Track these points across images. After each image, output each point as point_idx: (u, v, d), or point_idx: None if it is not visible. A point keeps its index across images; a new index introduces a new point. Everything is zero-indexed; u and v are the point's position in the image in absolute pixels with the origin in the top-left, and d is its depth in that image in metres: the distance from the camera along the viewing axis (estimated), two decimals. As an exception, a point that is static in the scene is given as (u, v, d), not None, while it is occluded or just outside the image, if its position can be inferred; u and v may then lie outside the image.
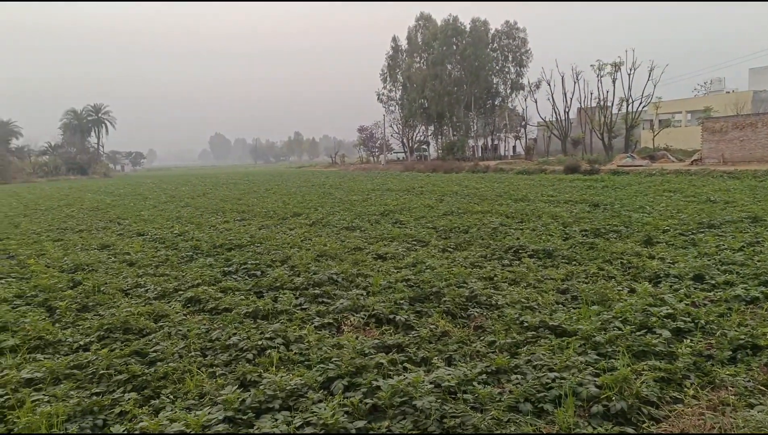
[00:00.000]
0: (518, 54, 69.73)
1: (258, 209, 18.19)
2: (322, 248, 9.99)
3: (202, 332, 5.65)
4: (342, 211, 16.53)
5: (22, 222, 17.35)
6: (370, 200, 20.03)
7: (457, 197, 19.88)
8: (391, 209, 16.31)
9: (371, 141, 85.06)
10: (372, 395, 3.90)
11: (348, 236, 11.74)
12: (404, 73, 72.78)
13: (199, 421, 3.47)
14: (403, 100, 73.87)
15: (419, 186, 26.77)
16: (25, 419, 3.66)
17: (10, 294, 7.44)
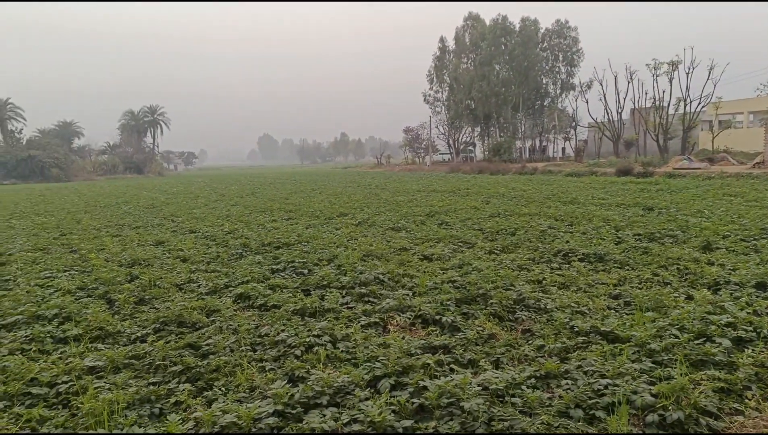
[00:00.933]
0: (569, 53, 68.13)
1: (305, 209, 18.47)
2: (368, 248, 10.05)
3: (251, 328, 5.79)
4: (387, 212, 16.58)
5: (84, 218, 18.19)
6: (416, 201, 20.01)
7: (503, 199, 19.63)
8: (436, 210, 16.26)
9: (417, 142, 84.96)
10: (419, 395, 3.90)
11: (394, 237, 11.77)
12: (451, 74, 72.33)
13: (251, 414, 3.55)
14: (450, 101, 73.42)
15: (465, 187, 26.57)
16: (89, 405, 3.84)
17: (74, 286, 7.82)
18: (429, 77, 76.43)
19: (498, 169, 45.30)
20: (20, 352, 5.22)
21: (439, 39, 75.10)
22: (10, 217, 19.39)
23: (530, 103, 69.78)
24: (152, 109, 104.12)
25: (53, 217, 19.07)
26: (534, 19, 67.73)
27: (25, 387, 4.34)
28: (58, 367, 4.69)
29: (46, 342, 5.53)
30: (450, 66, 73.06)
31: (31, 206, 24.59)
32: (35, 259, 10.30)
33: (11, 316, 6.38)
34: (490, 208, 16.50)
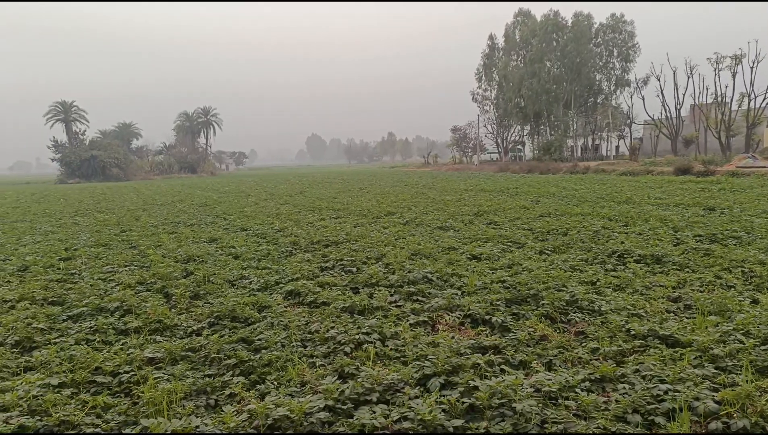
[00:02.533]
0: (624, 48, 65.94)
1: (353, 208, 18.61)
2: (416, 247, 10.03)
3: (302, 324, 5.88)
4: (435, 211, 16.51)
5: (142, 216, 18.94)
6: (464, 200, 19.84)
7: (554, 199, 19.20)
8: (485, 210, 16.07)
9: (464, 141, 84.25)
10: (469, 395, 3.86)
11: (442, 236, 11.71)
12: (500, 72, 71.30)
13: (302, 408, 3.61)
14: (499, 100, 72.44)
15: (514, 187, 26.15)
16: (149, 394, 3.99)
17: (134, 280, 8.14)
18: (477, 75, 75.66)
19: (548, 168, 44.36)
20: (85, 342, 5.48)
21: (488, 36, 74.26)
22: (75, 214, 20.40)
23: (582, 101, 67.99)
24: (206, 110, 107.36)
25: (114, 214, 19.94)
26: (587, 14, 65.94)
27: (90, 375, 4.55)
28: (120, 357, 4.90)
29: (109, 333, 5.78)
30: (499, 64, 72.04)
31: (93, 204, 25.80)
32: (98, 254, 10.80)
33: (77, 307, 6.71)
34: (540, 207, 16.18)
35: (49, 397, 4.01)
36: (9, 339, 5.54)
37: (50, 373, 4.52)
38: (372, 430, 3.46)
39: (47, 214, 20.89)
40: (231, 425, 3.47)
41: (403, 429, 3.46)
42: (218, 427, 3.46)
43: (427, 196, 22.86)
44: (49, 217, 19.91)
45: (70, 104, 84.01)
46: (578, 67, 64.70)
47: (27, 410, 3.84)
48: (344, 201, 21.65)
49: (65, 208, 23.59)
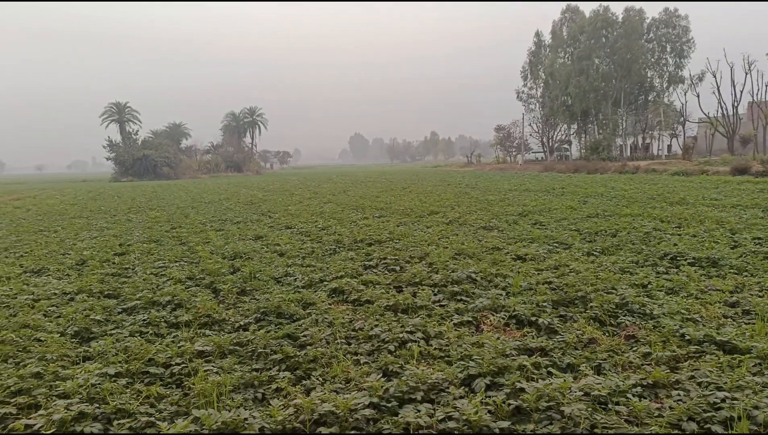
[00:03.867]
0: (678, 44, 63.54)
1: (396, 207, 18.63)
2: (459, 247, 9.96)
3: (346, 321, 5.92)
4: (479, 211, 16.35)
5: (191, 213, 19.50)
6: (508, 200, 19.57)
7: (602, 199, 18.70)
8: (530, 210, 15.80)
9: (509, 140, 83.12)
10: (515, 397, 3.80)
11: (485, 236, 11.59)
12: (546, 70, 69.94)
13: (348, 404, 3.63)
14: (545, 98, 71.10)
15: (560, 187, 25.61)
16: (200, 386, 4.10)
17: (184, 275, 8.40)
18: (523, 73, 74.48)
19: (596, 167, 43.24)
20: (139, 334, 5.69)
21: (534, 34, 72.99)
22: (128, 211, 21.20)
23: (632, 98, 65.96)
24: (252, 110, 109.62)
25: (164, 211, 20.61)
26: (639, 9, 63.84)
27: (144, 366, 4.71)
28: (171, 349, 5.05)
29: (161, 326, 5.98)
30: (545, 61, 70.69)
31: (145, 202, 26.74)
32: (150, 250, 11.18)
33: (131, 301, 6.97)
34: (588, 208, 15.79)
35: (106, 385, 4.18)
36: (69, 329, 5.80)
37: (107, 363, 4.71)
38: (417, 428, 3.45)
39: (102, 211, 21.77)
40: (278, 419, 3.53)
41: (448, 429, 3.44)
42: (266, 420, 3.52)
43: (470, 195, 22.66)
44: (104, 213, 20.75)
45: (124, 105, 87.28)
46: (629, 63, 62.74)
47: (86, 398, 4.02)
48: (387, 200, 21.70)
49: (119, 206, 24.53)
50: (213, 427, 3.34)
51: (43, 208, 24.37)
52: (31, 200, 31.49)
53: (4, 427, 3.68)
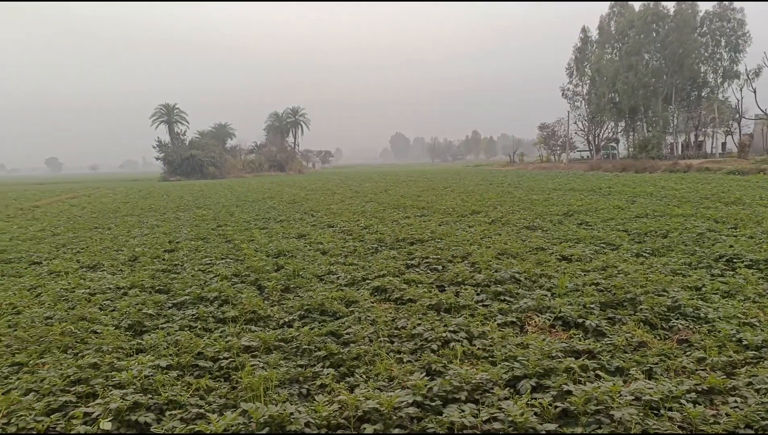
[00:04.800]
0: (733, 38, 60.82)
1: (437, 206, 18.55)
2: (502, 247, 9.84)
3: (388, 320, 5.94)
4: (522, 210, 16.10)
5: (236, 211, 19.94)
6: (552, 200, 19.20)
7: (652, 199, 18.12)
8: (575, 210, 15.46)
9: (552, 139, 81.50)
10: (562, 399, 3.73)
11: (529, 236, 11.40)
12: (593, 66, 68.20)
13: (392, 402, 3.64)
14: (591, 95, 69.37)
15: (606, 186, 24.94)
16: (247, 380, 4.20)
17: (230, 272, 8.59)
18: (568, 70, 72.88)
19: (644, 166, 41.90)
20: (188, 329, 5.86)
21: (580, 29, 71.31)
22: (176, 210, 21.85)
23: (684, 95, 63.55)
24: (294, 110, 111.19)
25: (210, 210, 21.14)
26: (691, 2, 61.43)
27: (194, 359, 4.85)
28: (219, 344, 5.19)
29: (209, 321, 6.14)
30: (592, 57, 68.96)
31: (192, 200, 27.49)
32: (197, 247, 11.49)
33: (180, 296, 7.18)
34: (637, 208, 15.32)
35: (159, 377, 4.33)
36: (123, 322, 6.03)
37: (159, 356, 4.87)
38: (461, 428, 3.43)
39: (152, 209, 22.51)
40: (323, 414, 3.58)
41: (493, 429, 3.41)
42: (311, 416, 3.57)
43: (513, 195, 22.34)
44: (154, 211, 21.46)
45: (173, 107, 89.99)
46: (680, 58, 60.46)
47: (140, 388, 4.17)
48: (428, 199, 21.63)
49: (168, 204, 25.32)
50: (260, 420, 3.41)
51: (98, 206, 25.39)
52: (86, 199, 32.86)
53: (64, 414, 3.86)
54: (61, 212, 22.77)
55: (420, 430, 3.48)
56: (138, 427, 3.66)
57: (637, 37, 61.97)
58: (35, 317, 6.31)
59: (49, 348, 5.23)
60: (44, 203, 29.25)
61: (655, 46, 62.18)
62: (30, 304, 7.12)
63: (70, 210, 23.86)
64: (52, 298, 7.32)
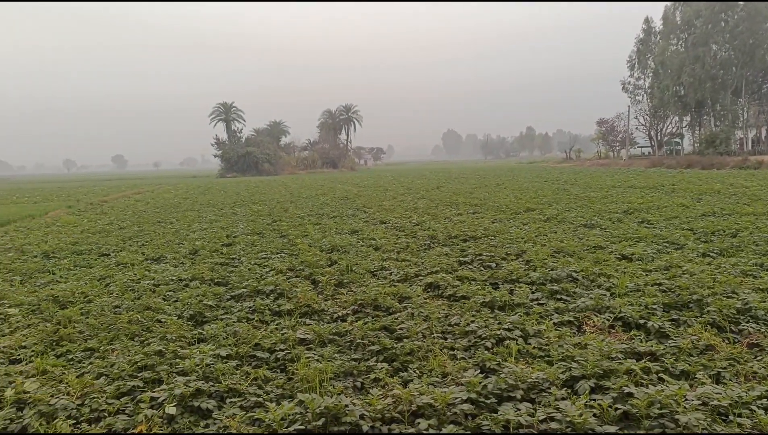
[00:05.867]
0: (809, 25, 56.91)
1: (490, 203, 18.31)
2: (558, 244, 9.61)
3: (441, 316, 5.92)
4: (579, 208, 15.67)
5: (290, 207, 20.34)
6: (611, 197, 18.58)
7: (719, 196, 17.24)
8: (635, 207, 14.91)
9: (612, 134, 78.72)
10: (623, 401, 3.61)
11: (587, 234, 11.09)
12: (656, 58, 65.36)
13: (446, 398, 3.63)
14: (653, 88, 66.50)
15: (670, 183, 23.92)
16: (303, 371, 4.28)
17: (285, 267, 8.78)
18: (629, 63, 70.12)
19: (711, 162, 39.94)
20: (246, 320, 6.03)
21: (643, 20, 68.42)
22: (233, 205, 22.51)
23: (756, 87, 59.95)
24: (347, 107, 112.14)
25: (266, 205, 21.65)
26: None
27: (251, 350, 4.99)
28: (275, 336, 5.31)
29: (266, 314, 6.30)
30: (655, 49, 66.09)
31: (248, 196, 28.24)
32: (253, 242, 11.80)
33: (238, 289, 7.41)
34: (703, 205, 14.62)
35: (219, 366, 4.48)
36: (185, 313, 6.28)
37: (219, 346, 5.04)
38: (517, 427, 3.38)
39: (211, 205, 23.28)
40: (377, 407, 3.60)
41: (550, 429, 3.34)
42: (366, 409, 3.60)
43: (569, 192, 21.77)
44: (212, 207, 22.18)
45: (230, 105, 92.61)
46: (751, 49, 57.05)
47: (202, 376, 4.33)
48: (481, 196, 21.38)
49: (225, 200, 26.11)
50: (316, 411, 3.47)
51: (160, 202, 26.48)
52: (149, 194, 34.33)
53: (133, 398, 4.06)
54: (126, 207, 23.88)
55: (475, 428, 3.46)
56: (200, 413, 3.80)
57: (705, 27, 58.91)
58: (105, 306, 6.65)
59: (117, 335, 5.51)
60: (111, 198, 30.76)
61: (724, 36, 58.90)
62: (100, 293, 7.51)
63: (135, 205, 25.00)
64: (119, 288, 7.70)
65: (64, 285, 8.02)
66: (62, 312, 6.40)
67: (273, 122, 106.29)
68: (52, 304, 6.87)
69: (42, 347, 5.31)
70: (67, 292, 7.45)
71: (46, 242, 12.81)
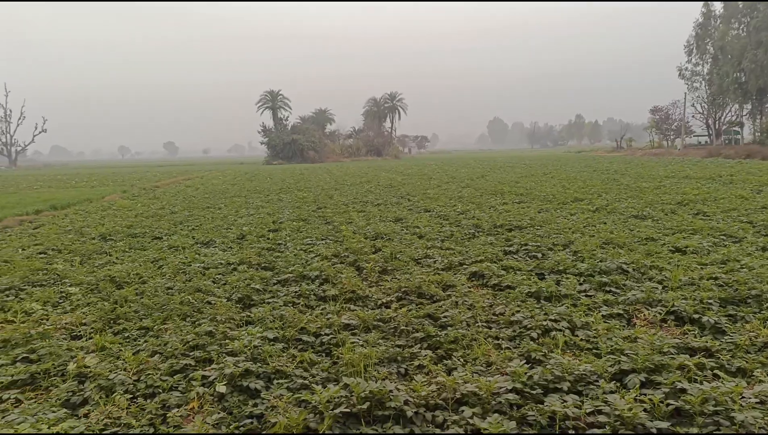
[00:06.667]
0: None
1: (536, 193, 17.97)
2: (608, 235, 9.36)
3: (486, 305, 5.87)
4: (630, 199, 15.19)
5: (334, 194, 20.52)
6: (664, 188, 17.93)
7: (781, 188, 16.36)
8: (690, 199, 14.33)
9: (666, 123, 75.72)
10: (675, 397, 3.51)
11: (638, 225, 10.74)
12: (716, 44, 62.30)
13: (491, 387, 3.62)
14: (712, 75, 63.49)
15: (727, 174, 22.86)
16: (348, 356, 4.34)
17: (329, 253, 8.89)
18: (687, 48, 67.10)
19: (773, 152, 37.87)
20: (292, 305, 6.15)
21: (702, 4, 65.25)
22: (279, 192, 22.88)
23: (823, 73, 56.39)
24: (392, 95, 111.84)
25: (311, 192, 21.92)
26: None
27: (297, 334, 5.09)
28: (320, 320, 5.40)
29: (311, 298, 6.41)
30: (715, 34, 62.98)
31: (294, 183, 28.64)
32: (299, 228, 11.99)
33: (284, 274, 7.55)
34: (763, 198, 13.93)
35: (266, 348, 4.59)
36: (234, 296, 6.45)
37: (266, 328, 5.16)
38: (563, 418, 3.33)
39: (257, 191, 23.74)
40: (422, 394, 3.62)
41: (597, 422, 3.28)
42: (410, 394, 3.63)
43: (619, 182, 21.12)
44: (258, 193, 22.62)
45: (277, 93, 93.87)
46: (820, 32, 53.65)
47: (250, 357, 4.45)
48: (527, 186, 21.00)
49: (271, 186, 26.57)
50: (361, 395, 3.51)
51: (209, 188, 27.19)
52: (199, 180, 35.29)
53: (185, 376, 4.21)
54: (177, 192, 24.64)
55: (520, 418, 3.43)
56: (249, 393, 3.91)
57: (769, 10, 55.70)
58: (158, 287, 6.91)
59: (170, 315, 5.72)
60: (163, 184, 31.80)
61: (791, 19, 55.56)
62: (153, 274, 7.80)
63: (185, 190, 25.75)
64: (171, 270, 7.97)
65: (120, 266, 8.37)
66: (119, 292, 6.69)
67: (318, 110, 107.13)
68: (109, 284, 7.19)
69: (100, 325, 5.57)
70: (123, 273, 7.78)
71: (102, 225, 13.38)
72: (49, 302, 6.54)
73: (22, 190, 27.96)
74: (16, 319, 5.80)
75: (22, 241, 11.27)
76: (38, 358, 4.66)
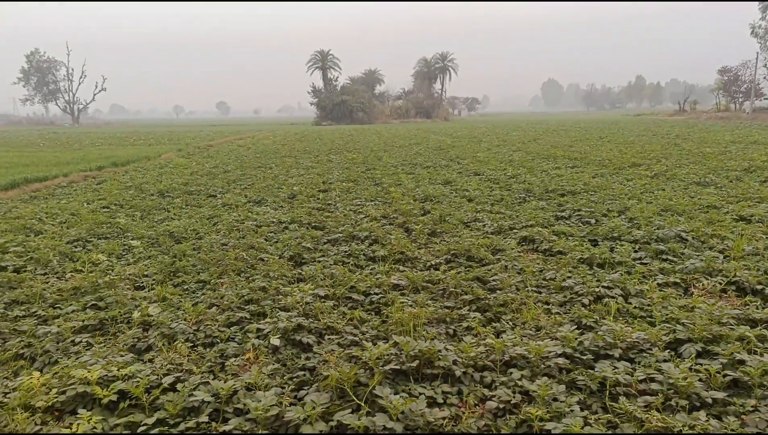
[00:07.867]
0: None
1: (591, 157, 17.40)
2: (666, 202, 9.02)
3: (536, 270, 5.81)
4: (691, 164, 14.52)
5: (384, 156, 20.48)
6: (729, 153, 17.01)
7: None
8: (758, 165, 13.57)
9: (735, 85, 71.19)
10: (733, 368, 3.41)
11: (699, 192, 10.29)
12: (794, -3, 57.58)
13: (540, 350, 3.61)
14: (788, 32, 58.94)
15: (801, 139, 21.44)
16: (397, 315, 4.41)
17: (378, 214, 8.95)
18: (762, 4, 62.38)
19: None
20: (342, 264, 6.26)
21: (781, -48, 60.06)
22: (329, 153, 23.04)
23: None
24: (443, 55, 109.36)
25: (360, 154, 21.95)
26: None
27: (347, 292, 5.20)
28: (370, 280, 5.48)
29: (360, 258, 6.51)
30: (794, -14, 58.13)
31: (343, 144, 28.73)
32: (348, 189, 12.08)
33: (334, 233, 7.67)
34: (840, 165, 13.02)
35: (317, 305, 4.72)
36: (285, 253, 6.62)
37: (317, 286, 5.29)
38: (614, 384, 3.31)
39: (307, 152, 23.97)
40: (470, 355, 3.66)
41: (650, 390, 3.24)
42: (459, 355, 3.67)
43: (681, 147, 20.17)
44: (308, 154, 22.84)
45: (327, 53, 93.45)
46: None
47: (302, 313, 4.59)
48: (582, 150, 20.35)
49: (321, 147, 26.75)
50: (410, 353, 3.58)
51: (260, 148, 27.64)
52: (250, 140, 35.90)
53: (241, 328, 4.40)
54: (230, 151, 25.18)
55: (569, 382, 3.42)
56: (301, 346, 4.05)
57: None
58: (213, 243, 7.16)
59: (225, 270, 5.94)
60: (216, 143, 32.53)
61: None
62: (209, 231, 8.08)
63: (237, 150, 26.28)
64: (226, 227, 8.24)
65: (178, 222, 8.71)
66: (177, 246, 6.98)
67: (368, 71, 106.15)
68: (168, 239, 7.51)
69: (161, 277, 5.84)
70: (181, 228, 8.09)
71: (160, 182, 13.88)
72: (114, 254, 6.89)
73: (85, 147, 29.22)
74: (85, 269, 6.16)
75: (87, 196, 11.86)
76: (106, 306, 4.96)
